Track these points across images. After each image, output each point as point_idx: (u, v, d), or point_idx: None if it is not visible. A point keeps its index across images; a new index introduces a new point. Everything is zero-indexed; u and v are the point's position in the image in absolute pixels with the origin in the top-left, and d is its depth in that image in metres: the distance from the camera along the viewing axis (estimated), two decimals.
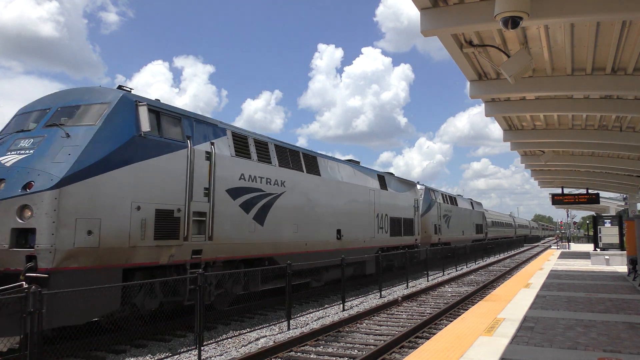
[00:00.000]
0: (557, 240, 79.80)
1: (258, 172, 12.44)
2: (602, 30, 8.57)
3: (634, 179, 23.50)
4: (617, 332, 8.37)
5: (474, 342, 7.59)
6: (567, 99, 12.28)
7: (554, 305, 11.30)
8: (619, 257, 23.45)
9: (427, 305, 14.97)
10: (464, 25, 7.80)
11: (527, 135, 16.28)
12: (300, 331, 10.91)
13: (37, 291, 6.62)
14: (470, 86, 11.29)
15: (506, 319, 9.51)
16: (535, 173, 25.96)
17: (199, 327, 8.78)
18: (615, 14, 7.22)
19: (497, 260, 36.12)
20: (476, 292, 17.28)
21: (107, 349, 9.25)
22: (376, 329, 11.35)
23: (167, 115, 10.19)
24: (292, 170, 14.05)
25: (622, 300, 12.15)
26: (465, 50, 9.34)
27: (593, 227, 27.20)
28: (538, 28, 8.58)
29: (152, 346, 9.62)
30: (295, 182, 14.09)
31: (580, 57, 9.80)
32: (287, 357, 8.86)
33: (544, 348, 7.24)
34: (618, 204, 41.02)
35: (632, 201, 30.08)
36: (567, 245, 51.07)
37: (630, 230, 18.83)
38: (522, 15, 6.41)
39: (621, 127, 14.56)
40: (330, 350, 9.36)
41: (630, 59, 9.66)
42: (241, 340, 10.15)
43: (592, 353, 6.94)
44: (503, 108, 13.15)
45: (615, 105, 12.19)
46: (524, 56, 8.45)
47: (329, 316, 12.87)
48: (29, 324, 6.49)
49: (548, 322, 9.24)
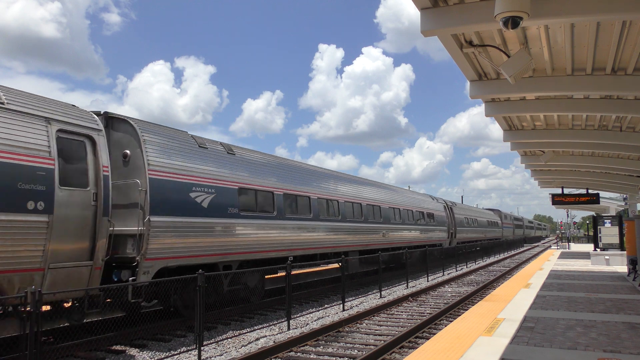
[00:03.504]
0: (557, 240, 79.37)
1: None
2: (602, 30, 8.57)
3: (634, 179, 23.47)
4: (617, 332, 8.37)
5: (474, 342, 7.59)
6: (567, 99, 12.27)
7: (554, 305, 11.30)
8: (619, 257, 23.45)
9: (427, 305, 14.97)
10: (464, 25, 7.79)
11: (527, 135, 16.26)
12: (300, 331, 10.90)
13: (37, 291, 6.62)
14: (470, 86, 11.28)
15: (506, 319, 9.51)
16: (535, 173, 25.93)
17: (199, 327, 8.78)
18: (615, 14, 7.21)
19: (497, 260, 36.11)
20: (476, 292, 17.27)
21: (107, 349, 9.26)
22: (376, 329, 11.34)
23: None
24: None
25: (622, 300, 12.14)
26: (465, 50, 9.33)
27: (593, 227, 27.20)
28: (538, 28, 8.57)
29: (152, 346, 9.62)
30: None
31: (580, 57, 9.79)
32: (287, 357, 8.85)
33: (544, 348, 7.24)
34: (618, 204, 40.98)
35: (632, 201, 30.04)
36: (567, 246, 51.06)
37: (630, 230, 18.83)
38: (522, 15, 6.40)
39: (621, 127, 14.55)
40: (330, 350, 9.35)
41: (630, 59, 9.65)
42: (241, 340, 10.15)
43: (592, 353, 6.94)
44: (503, 108, 13.14)
45: (615, 105, 12.18)
46: (524, 56, 8.44)
47: (329, 316, 12.87)
48: (29, 324, 6.49)
49: (548, 322, 9.24)
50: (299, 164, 17.93)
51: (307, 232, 15.51)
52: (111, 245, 9.15)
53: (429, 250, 23.30)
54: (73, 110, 9.15)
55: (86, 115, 9.30)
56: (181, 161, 11.00)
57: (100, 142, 9.15)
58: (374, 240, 20.67)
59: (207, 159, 11.92)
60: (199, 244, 11.06)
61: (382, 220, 21.68)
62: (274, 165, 14.95)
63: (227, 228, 11.98)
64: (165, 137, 11.01)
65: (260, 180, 13.63)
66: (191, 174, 11.13)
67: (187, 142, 11.68)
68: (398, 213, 23.83)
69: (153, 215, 9.81)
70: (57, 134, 8.44)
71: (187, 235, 10.73)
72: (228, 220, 11.97)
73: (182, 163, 10.99)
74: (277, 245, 13.90)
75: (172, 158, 10.76)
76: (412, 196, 28.28)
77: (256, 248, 12.99)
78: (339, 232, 17.60)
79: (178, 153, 11.06)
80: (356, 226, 19.01)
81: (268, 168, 14.43)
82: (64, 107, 9.07)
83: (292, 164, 16.85)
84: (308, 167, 18.00)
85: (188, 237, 10.77)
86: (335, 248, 17.15)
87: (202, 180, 11.37)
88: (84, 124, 9.01)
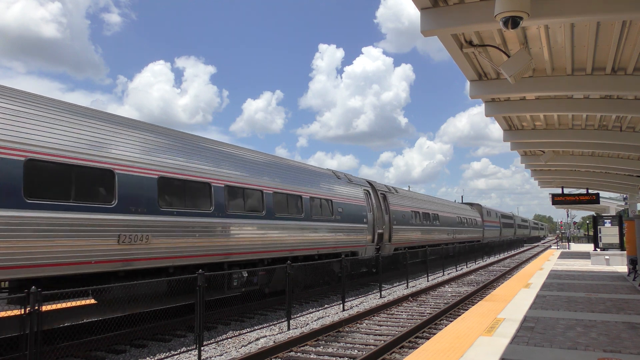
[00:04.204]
0: (557, 240, 79.18)
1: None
2: (602, 30, 8.57)
3: (634, 179, 23.46)
4: (617, 332, 8.37)
5: (474, 342, 7.59)
6: (567, 99, 12.27)
7: (554, 305, 11.30)
8: (619, 257, 23.44)
9: (427, 305, 14.97)
10: (464, 25, 7.79)
11: (527, 135, 16.26)
12: (300, 331, 10.90)
13: (37, 291, 6.62)
14: (470, 86, 11.28)
15: (506, 319, 9.51)
16: (535, 173, 25.92)
17: (199, 327, 8.78)
18: (615, 14, 7.21)
19: (498, 260, 36.11)
20: (476, 292, 17.27)
21: (107, 349, 9.26)
22: (376, 329, 11.34)
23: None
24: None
25: (622, 300, 12.14)
26: (465, 50, 9.32)
27: (593, 227, 27.18)
28: (538, 28, 8.57)
29: (152, 346, 9.62)
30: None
31: (580, 57, 9.79)
32: (287, 357, 8.85)
33: (544, 348, 7.23)
34: (618, 204, 40.95)
35: (632, 201, 30.02)
36: (567, 246, 51.06)
37: (630, 230, 18.83)
38: (522, 15, 6.40)
39: (621, 127, 14.54)
40: (330, 350, 9.35)
41: (630, 59, 9.65)
42: (241, 340, 10.15)
43: (592, 353, 6.94)
44: (503, 108, 13.14)
45: (615, 105, 12.17)
46: (524, 56, 8.44)
47: (329, 316, 12.87)
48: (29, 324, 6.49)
49: (548, 322, 9.24)
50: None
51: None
52: None
53: (317, 265, 15.23)
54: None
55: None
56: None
57: None
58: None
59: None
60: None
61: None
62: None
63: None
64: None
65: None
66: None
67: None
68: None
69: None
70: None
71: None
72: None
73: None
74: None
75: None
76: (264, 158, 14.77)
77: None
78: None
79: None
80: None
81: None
82: None
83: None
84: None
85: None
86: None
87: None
88: None
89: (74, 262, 8.35)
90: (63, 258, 8.18)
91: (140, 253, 9.50)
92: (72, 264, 8.33)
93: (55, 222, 8.10)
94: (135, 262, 9.41)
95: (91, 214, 8.64)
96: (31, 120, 8.15)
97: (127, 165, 9.50)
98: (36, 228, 7.81)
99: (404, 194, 26.52)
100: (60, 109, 8.96)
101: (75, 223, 8.37)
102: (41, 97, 8.88)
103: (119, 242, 9.04)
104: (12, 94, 8.31)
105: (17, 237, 7.56)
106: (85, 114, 9.45)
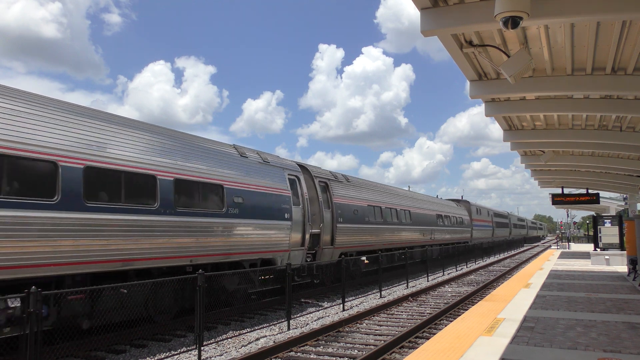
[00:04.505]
0: (557, 240, 79.11)
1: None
2: (602, 30, 8.57)
3: (634, 179, 23.46)
4: (617, 332, 8.37)
5: (474, 342, 7.59)
6: (567, 99, 12.27)
7: (554, 305, 11.30)
8: (619, 257, 23.43)
9: (427, 305, 14.97)
10: (464, 25, 7.79)
11: (527, 135, 16.26)
12: (300, 331, 10.91)
13: (37, 291, 6.62)
14: (470, 86, 11.28)
15: (506, 319, 9.51)
16: (535, 173, 25.93)
17: (199, 327, 8.78)
18: (615, 14, 7.21)
19: (498, 260, 36.12)
20: (476, 292, 17.28)
21: (107, 349, 9.26)
22: (376, 329, 11.34)
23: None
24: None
25: (622, 300, 12.14)
26: (465, 50, 9.32)
27: (593, 227, 27.18)
28: (538, 28, 8.57)
29: (152, 346, 9.62)
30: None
31: (580, 57, 9.79)
32: (287, 357, 8.86)
33: (544, 348, 7.23)
34: (618, 204, 40.94)
35: (632, 201, 30.03)
36: (567, 246, 51.07)
37: (630, 230, 18.82)
38: (522, 15, 6.40)
39: (621, 127, 14.54)
40: (330, 350, 9.36)
41: (630, 59, 9.65)
42: (241, 340, 10.15)
43: (592, 353, 6.94)
44: (503, 108, 13.14)
45: (615, 105, 12.17)
46: (524, 56, 8.44)
47: (329, 316, 12.87)
48: (29, 324, 6.48)
49: (548, 322, 9.24)
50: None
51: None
52: None
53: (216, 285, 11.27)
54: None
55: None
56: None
57: None
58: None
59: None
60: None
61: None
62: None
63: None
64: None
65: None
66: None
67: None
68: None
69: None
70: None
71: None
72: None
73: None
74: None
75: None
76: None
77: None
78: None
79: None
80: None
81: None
82: None
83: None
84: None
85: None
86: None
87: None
88: None
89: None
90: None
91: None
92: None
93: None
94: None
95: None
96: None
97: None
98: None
99: (357, 183, 20.96)
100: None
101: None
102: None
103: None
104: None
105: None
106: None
